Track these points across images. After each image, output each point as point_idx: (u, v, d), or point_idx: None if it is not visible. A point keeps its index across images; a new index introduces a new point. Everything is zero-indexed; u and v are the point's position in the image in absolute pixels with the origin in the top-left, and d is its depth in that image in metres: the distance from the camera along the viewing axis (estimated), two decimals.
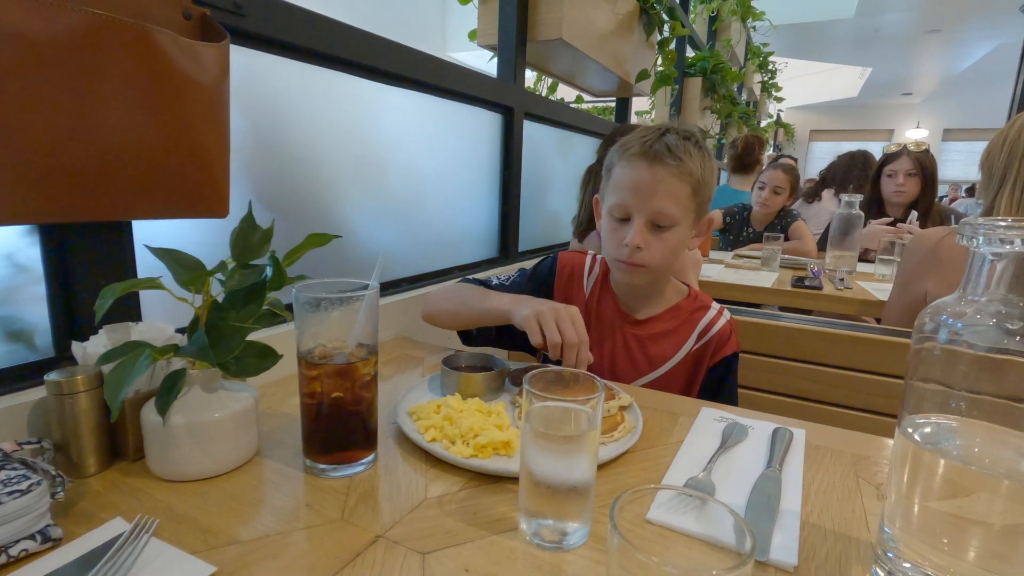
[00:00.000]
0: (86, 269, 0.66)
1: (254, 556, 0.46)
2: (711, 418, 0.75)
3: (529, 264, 1.66)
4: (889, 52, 7.77)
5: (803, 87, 9.40)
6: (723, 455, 0.65)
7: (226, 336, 0.55)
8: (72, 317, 0.67)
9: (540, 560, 0.46)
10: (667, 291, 1.00)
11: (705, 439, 0.69)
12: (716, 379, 0.96)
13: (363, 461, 0.59)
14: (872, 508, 0.56)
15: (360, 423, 0.59)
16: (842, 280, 1.88)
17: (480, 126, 1.42)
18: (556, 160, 1.87)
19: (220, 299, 0.58)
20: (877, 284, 1.90)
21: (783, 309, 1.99)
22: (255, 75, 0.86)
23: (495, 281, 1.03)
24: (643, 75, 2.05)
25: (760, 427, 0.73)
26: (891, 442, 0.71)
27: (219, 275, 0.57)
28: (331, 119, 1.00)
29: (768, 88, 6.40)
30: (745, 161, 3.11)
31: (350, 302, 0.57)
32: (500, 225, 1.54)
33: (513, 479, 0.58)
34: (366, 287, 0.59)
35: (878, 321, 1.60)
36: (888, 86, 10.01)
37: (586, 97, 2.34)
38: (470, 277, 1.03)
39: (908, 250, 1.29)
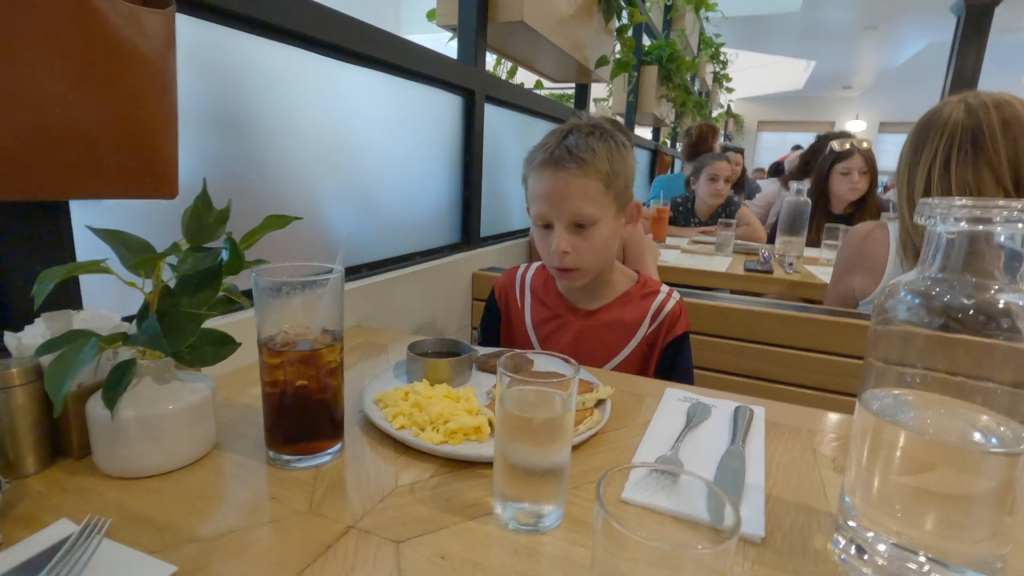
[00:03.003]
0: (19, 254, 0.61)
1: (217, 553, 0.43)
2: (675, 398, 0.77)
3: (492, 248, 1.65)
4: (832, 47, 8.09)
5: (752, 79, 9.68)
6: (689, 434, 0.66)
7: (180, 324, 0.52)
8: (3, 306, 0.62)
9: (516, 543, 0.46)
10: (614, 280, 1.01)
11: (671, 419, 0.71)
12: (669, 358, 0.98)
13: (330, 451, 0.57)
14: (830, 480, 0.58)
15: (326, 412, 0.57)
16: (791, 264, 1.95)
17: (440, 109, 1.39)
18: (516, 146, 1.86)
19: (172, 285, 0.54)
20: (823, 268, 1.99)
21: (734, 293, 2.06)
22: (205, 47, 0.81)
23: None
24: (602, 61, 2.05)
25: (722, 406, 0.75)
26: (844, 417, 0.74)
27: (171, 259, 0.53)
28: (286, 96, 0.96)
29: (719, 79, 6.56)
30: (699, 149, 3.17)
31: (313, 286, 0.55)
32: (462, 210, 1.52)
33: (485, 464, 0.57)
34: (330, 271, 0.57)
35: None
36: (830, 79, 10.43)
37: (546, 84, 2.33)
38: None
39: (842, 245, 1.30)
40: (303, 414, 0.56)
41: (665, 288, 1.01)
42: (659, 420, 0.70)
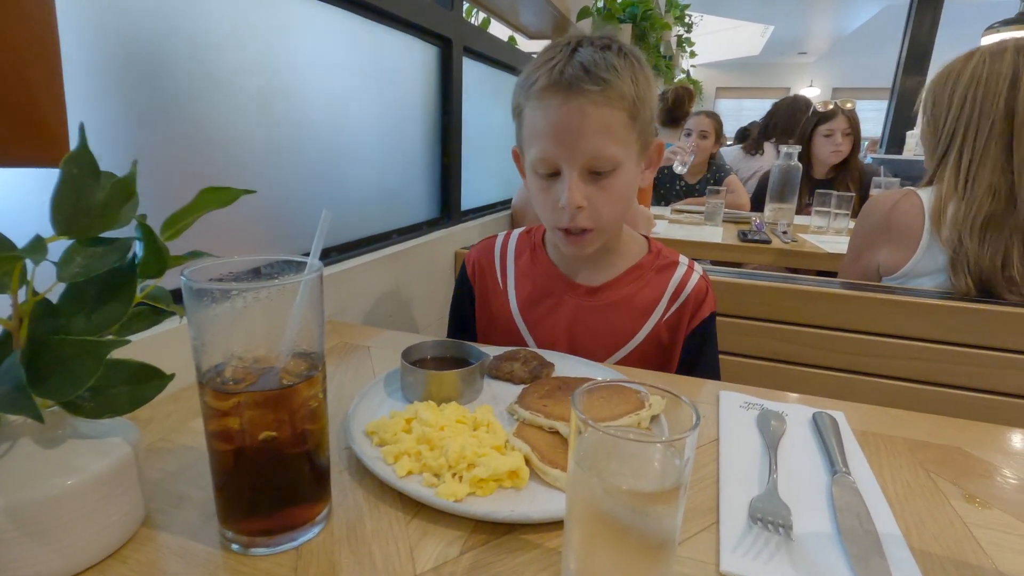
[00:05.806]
0: None
1: None
2: (735, 405, 0.63)
3: (474, 223, 1.47)
4: (789, 9, 8.05)
5: (711, 44, 9.59)
6: (774, 458, 0.52)
7: (70, 360, 0.33)
8: None
9: None
10: (623, 247, 0.84)
11: (741, 436, 0.57)
12: (695, 347, 0.83)
13: (312, 523, 0.41)
14: (970, 517, 0.46)
15: (305, 469, 0.40)
16: (785, 233, 1.86)
17: (414, 60, 1.19)
18: (493, 108, 1.66)
19: (54, 299, 0.36)
20: (816, 236, 1.90)
21: (715, 263, 1.96)
22: None
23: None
24: (584, 13, 1.87)
25: (793, 412, 0.62)
26: (936, 419, 0.62)
27: (37, 258, 0.34)
28: (224, 36, 0.74)
29: (683, 43, 6.41)
30: (675, 114, 3.03)
31: (279, 290, 0.37)
32: (440, 180, 1.32)
33: (534, 527, 0.42)
34: (301, 266, 0.39)
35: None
36: (787, 45, 10.46)
37: (519, 41, 2.12)
38: None
39: (862, 215, 1.20)
40: (272, 477, 0.39)
41: (684, 259, 0.85)
42: (728, 439, 0.56)
